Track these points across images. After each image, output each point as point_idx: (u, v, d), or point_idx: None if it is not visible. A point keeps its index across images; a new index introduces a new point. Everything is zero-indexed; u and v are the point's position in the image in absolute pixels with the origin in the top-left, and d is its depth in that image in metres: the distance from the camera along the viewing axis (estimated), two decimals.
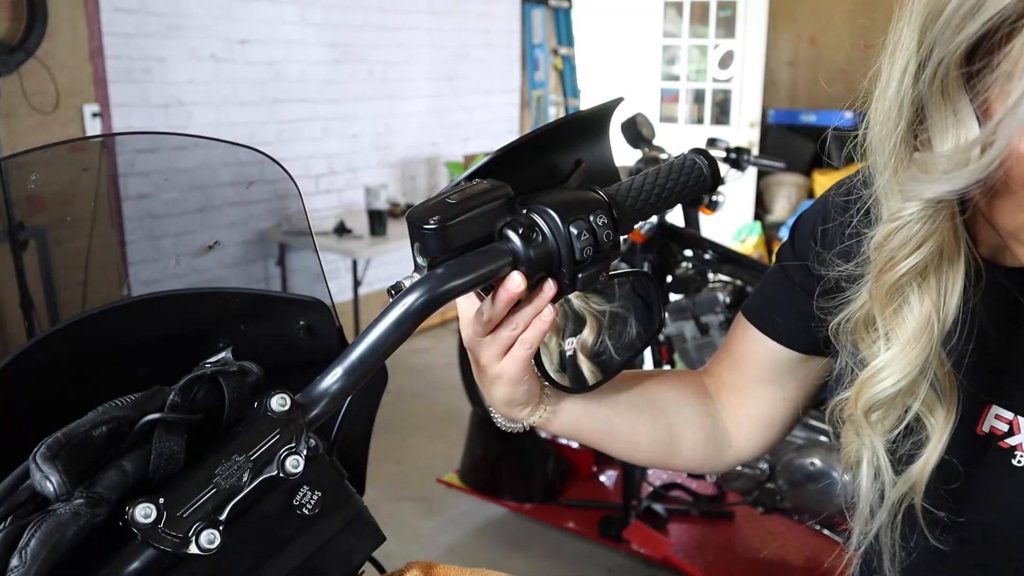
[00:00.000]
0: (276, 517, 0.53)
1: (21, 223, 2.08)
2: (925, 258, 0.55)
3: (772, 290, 0.75)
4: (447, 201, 0.53)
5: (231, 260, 3.66)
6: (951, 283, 0.56)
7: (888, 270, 0.56)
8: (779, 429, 0.79)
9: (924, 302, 0.56)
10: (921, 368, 0.57)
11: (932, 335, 0.56)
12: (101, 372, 0.56)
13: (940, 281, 0.56)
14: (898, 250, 0.55)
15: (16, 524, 0.42)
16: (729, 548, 2.53)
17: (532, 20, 5.34)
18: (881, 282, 0.57)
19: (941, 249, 0.55)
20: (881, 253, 0.56)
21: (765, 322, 0.74)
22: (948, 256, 0.55)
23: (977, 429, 0.61)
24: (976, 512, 0.61)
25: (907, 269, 0.55)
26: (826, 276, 0.64)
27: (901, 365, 0.57)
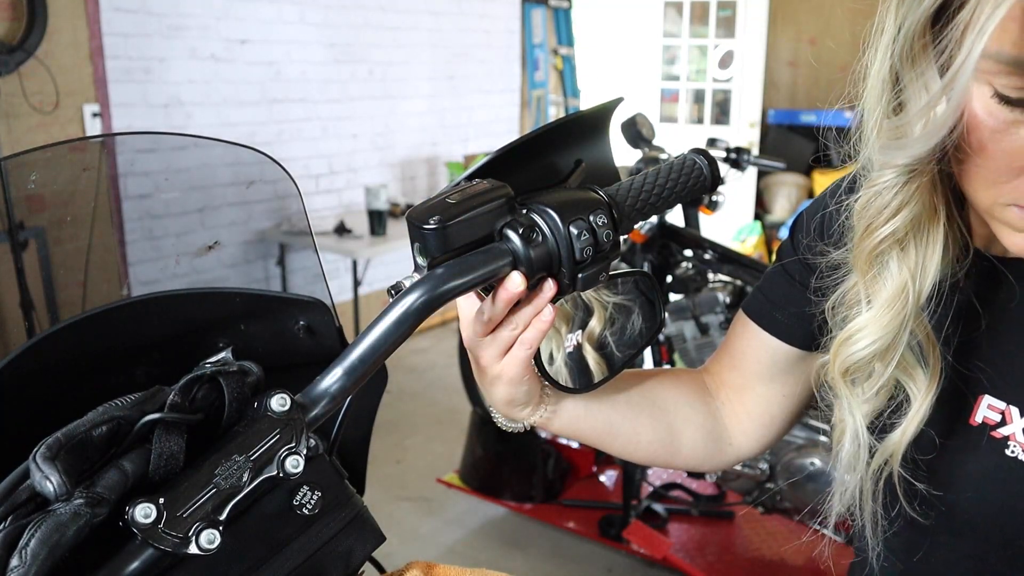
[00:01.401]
0: (276, 517, 0.53)
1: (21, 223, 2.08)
2: (903, 226, 0.57)
3: (772, 287, 0.75)
4: (447, 201, 0.53)
5: (231, 260, 3.66)
6: (929, 252, 0.58)
7: (868, 235, 0.59)
8: (779, 427, 0.79)
9: (902, 270, 0.58)
10: (895, 333, 0.59)
11: (907, 302, 0.58)
12: (101, 372, 0.56)
13: (918, 250, 0.58)
14: (876, 216, 0.58)
15: (16, 524, 0.42)
16: (729, 548, 2.53)
17: (532, 20, 5.34)
18: (862, 247, 0.59)
19: (919, 218, 0.57)
20: (862, 219, 0.59)
21: (765, 319, 0.75)
22: (926, 226, 0.57)
23: (970, 419, 0.61)
24: (969, 501, 0.62)
25: (885, 235, 0.57)
26: (819, 264, 0.66)
27: (876, 328, 0.59)
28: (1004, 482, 0.60)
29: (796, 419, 0.79)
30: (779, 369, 0.76)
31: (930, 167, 0.55)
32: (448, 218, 0.52)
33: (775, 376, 0.76)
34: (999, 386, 0.61)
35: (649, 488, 2.71)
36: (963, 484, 0.62)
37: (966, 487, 0.62)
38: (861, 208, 0.59)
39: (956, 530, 0.64)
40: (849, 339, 0.62)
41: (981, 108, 0.50)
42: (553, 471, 2.77)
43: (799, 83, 5.88)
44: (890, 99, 0.55)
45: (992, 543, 0.62)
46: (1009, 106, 0.48)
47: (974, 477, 0.61)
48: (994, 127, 0.49)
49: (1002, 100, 0.48)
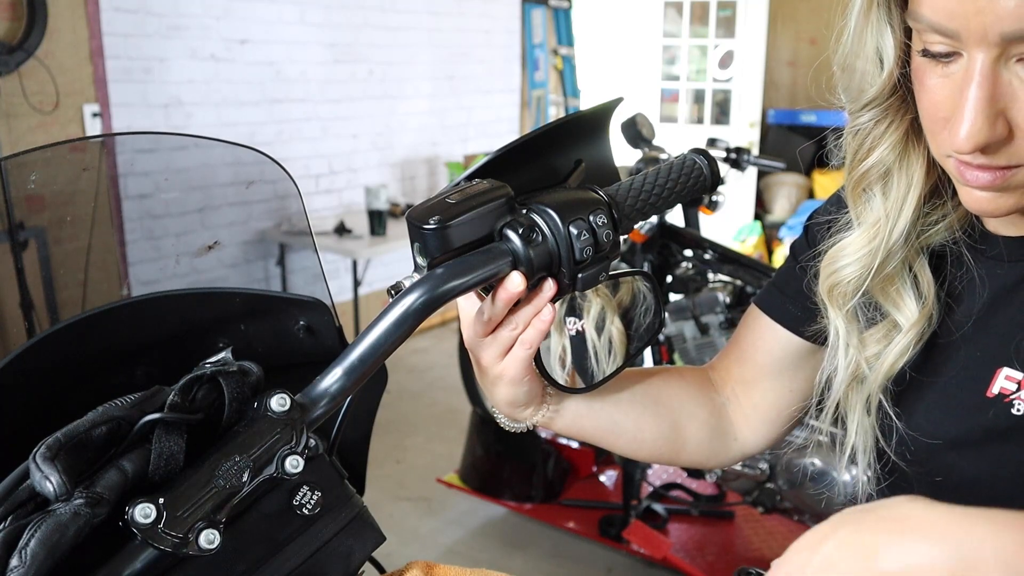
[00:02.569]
0: (276, 517, 0.53)
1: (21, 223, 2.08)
2: (879, 161, 0.63)
3: (785, 281, 0.76)
4: (447, 201, 0.53)
5: (231, 260, 3.66)
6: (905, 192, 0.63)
7: (853, 168, 0.65)
8: (784, 422, 0.79)
9: (882, 202, 0.64)
10: (872, 258, 0.64)
11: (881, 231, 0.64)
12: (101, 372, 0.56)
13: (897, 185, 0.63)
14: (856, 152, 0.64)
15: (16, 524, 0.42)
16: (729, 548, 2.53)
17: (532, 20, 5.34)
18: (851, 176, 0.65)
19: (895, 157, 0.62)
20: (848, 153, 0.65)
21: (777, 311, 0.76)
22: (903, 165, 0.63)
23: (987, 392, 0.62)
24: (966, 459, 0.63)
25: (868, 167, 0.63)
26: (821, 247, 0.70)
27: (855, 249, 0.65)
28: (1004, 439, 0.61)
29: (802, 416, 0.80)
30: (788, 363, 0.76)
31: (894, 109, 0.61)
32: (448, 218, 0.52)
33: (783, 370, 0.77)
34: (1018, 359, 0.62)
35: (649, 488, 2.71)
36: (966, 445, 0.63)
37: (968, 446, 0.63)
38: (846, 144, 0.65)
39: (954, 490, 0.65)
40: (834, 258, 0.67)
41: (917, 64, 0.56)
42: (553, 471, 2.77)
43: (799, 83, 5.88)
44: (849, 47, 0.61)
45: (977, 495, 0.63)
46: (932, 60, 0.54)
47: (978, 437, 0.63)
48: (923, 79, 0.55)
49: (925, 55, 0.54)
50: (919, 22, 0.53)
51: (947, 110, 0.54)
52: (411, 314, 0.51)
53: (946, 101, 0.54)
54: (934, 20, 0.51)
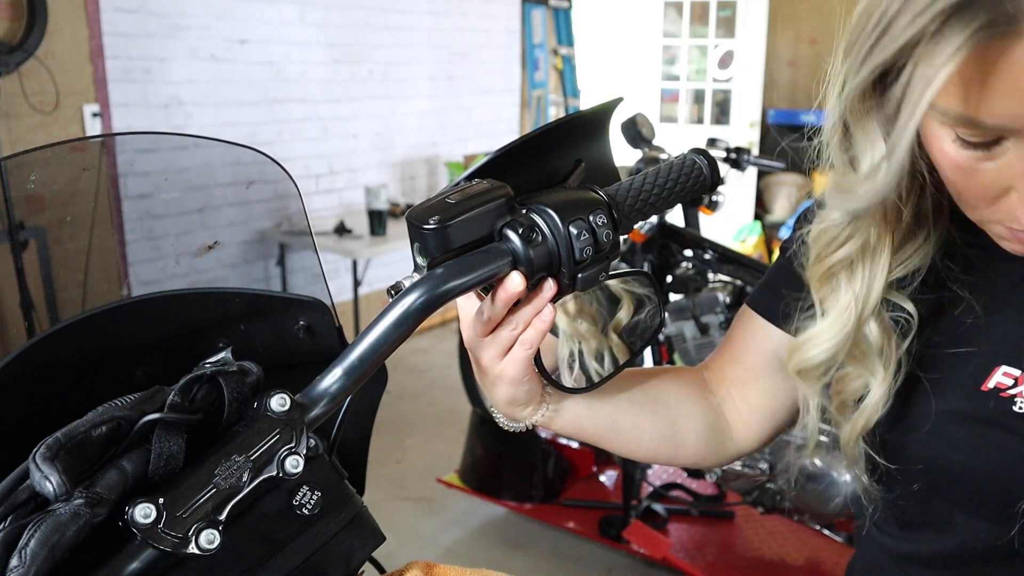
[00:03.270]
0: (276, 517, 0.53)
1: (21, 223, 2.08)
2: (849, 255, 0.64)
3: (776, 280, 0.76)
4: (447, 201, 0.53)
5: (231, 260, 3.66)
6: (875, 276, 0.64)
7: (820, 261, 0.66)
8: (780, 420, 0.80)
9: (849, 289, 0.65)
10: (842, 345, 0.65)
11: (851, 320, 0.65)
12: (101, 372, 0.56)
13: (864, 274, 0.64)
14: (825, 248, 0.65)
15: (16, 524, 0.42)
16: (729, 548, 2.53)
17: (532, 20, 5.34)
18: (815, 268, 0.67)
19: (865, 246, 0.63)
20: (815, 246, 0.66)
21: (770, 310, 0.76)
22: (871, 254, 0.63)
23: (983, 386, 0.64)
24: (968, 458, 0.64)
25: (834, 262, 0.64)
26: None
27: (825, 339, 0.66)
28: (1006, 436, 0.62)
29: (797, 414, 0.80)
30: (782, 362, 0.76)
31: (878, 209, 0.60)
32: (448, 218, 0.52)
33: (778, 369, 0.77)
34: (1017, 357, 0.63)
35: (649, 488, 2.71)
36: (964, 445, 0.64)
37: (966, 447, 0.64)
38: (815, 236, 0.66)
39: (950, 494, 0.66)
40: (803, 345, 0.68)
41: (949, 149, 0.53)
42: (553, 471, 2.77)
43: (799, 83, 5.88)
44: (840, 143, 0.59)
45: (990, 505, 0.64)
46: (971, 148, 0.52)
47: (977, 435, 0.63)
48: (962, 165, 0.53)
49: (964, 144, 0.52)
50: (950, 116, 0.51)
51: (997, 189, 0.53)
52: (411, 314, 0.51)
53: (995, 183, 0.53)
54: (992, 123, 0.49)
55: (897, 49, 0.50)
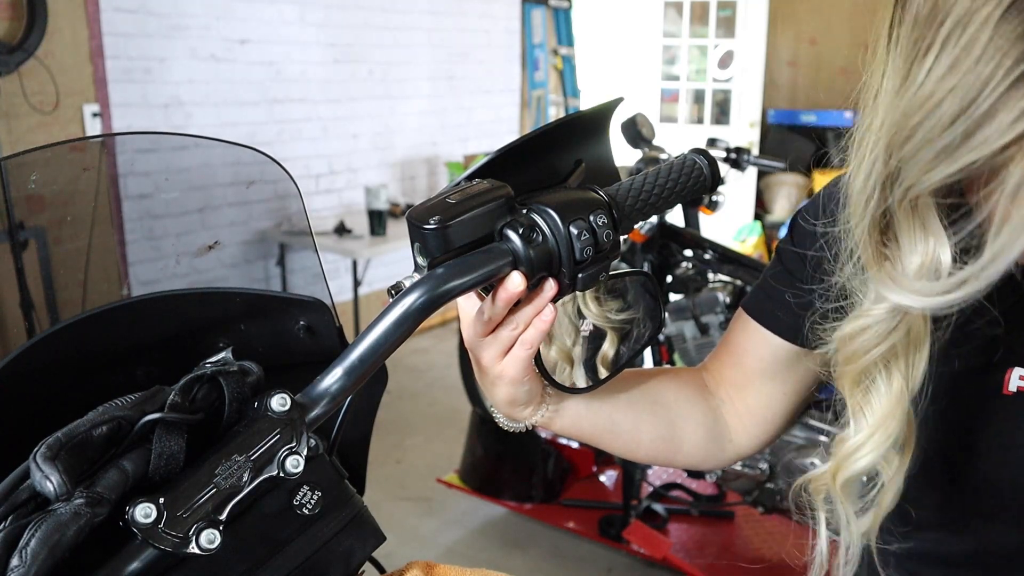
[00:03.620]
0: (276, 517, 0.53)
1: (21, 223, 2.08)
2: (892, 347, 0.56)
3: (772, 285, 0.75)
4: (447, 201, 0.53)
5: (231, 260, 3.66)
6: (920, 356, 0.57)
7: (853, 360, 0.58)
8: (780, 423, 0.79)
9: (894, 380, 0.57)
10: (896, 438, 0.59)
11: (904, 406, 0.58)
12: (101, 372, 0.56)
13: (908, 357, 0.57)
14: (866, 343, 0.57)
15: (16, 524, 0.42)
16: (729, 548, 2.53)
17: (532, 20, 5.34)
18: (848, 369, 0.59)
19: (911, 335, 0.56)
20: (849, 344, 0.58)
21: (766, 316, 0.75)
22: (915, 337, 0.56)
23: (1004, 390, 0.61)
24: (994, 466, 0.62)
25: (874, 358, 0.57)
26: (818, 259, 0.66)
27: (877, 442, 0.59)
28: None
29: (797, 415, 0.80)
30: (780, 367, 0.76)
31: None
32: (448, 218, 0.52)
33: (776, 373, 0.76)
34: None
35: (649, 488, 2.71)
36: (999, 453, 0.62)
37: (1002, 454, 0.62)
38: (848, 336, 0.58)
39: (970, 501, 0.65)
40: (850, 457, 0.61)
41: None
42: (553, 471, 2.77)
43: (799, 83, 5.88)
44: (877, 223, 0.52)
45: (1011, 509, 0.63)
46: None
47: (1008, 442, 0.62)
48: None
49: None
50: None
51: None
52: (411, 314, 0.51)
53: None
54: None
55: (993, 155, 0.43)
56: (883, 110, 0.49)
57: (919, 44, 0.46)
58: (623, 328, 0.72)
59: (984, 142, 0.43)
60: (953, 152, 0.44)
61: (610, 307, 0.73)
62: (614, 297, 0.73)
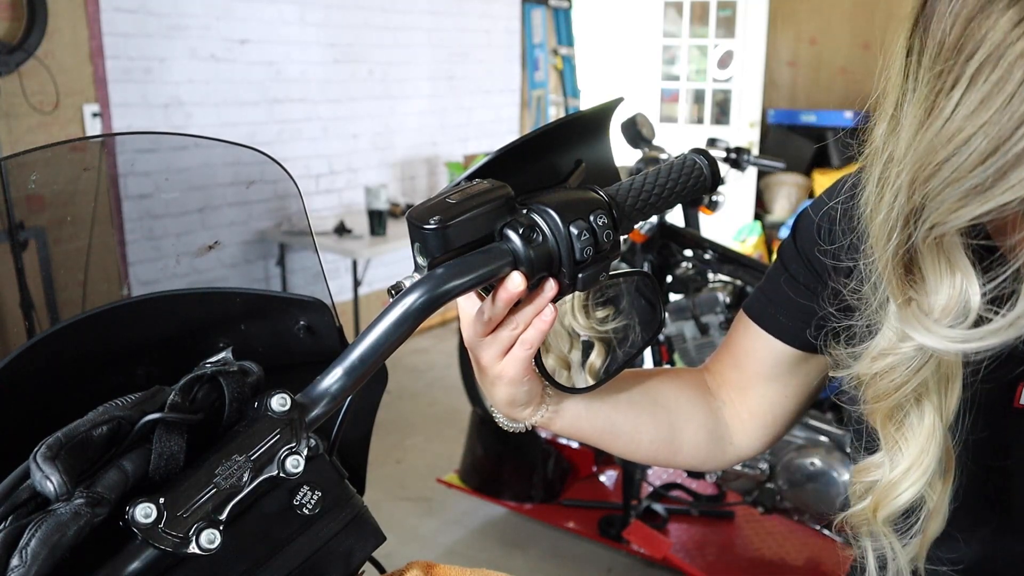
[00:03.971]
0: (276, 517, 0.53)
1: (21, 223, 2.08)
2: (924, 381, 0.54)
3: (774, 288, 0.75)
4: (447, 201, 0.53)
5: (231, 260, 3.66)
6: (953, 387, 0.55)
7: (884, 398, 0.56)
8: (781, 426, 0.79)
9: (926, 415, 0.56)
10: (933, 471, 0.57)
11: (939, 438, 0.56)
12: (101, 372, 0.56)
13: (940, 391, 0.55)
14: (895, 380, 0.55)
15: (16, 524, 0.42)
16: (729, 548, 2.53)
17: (532, 20, 5.34)
18: (880, 406, 0.57)
19: (939, 367, 0.54)
20: (879, 383, 0.56)
21: (767, 320, 0.75)
22: (947, 372, 0.55)
23: (1015, 403, 0.61)
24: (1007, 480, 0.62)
25: (906, 395, 0.55)
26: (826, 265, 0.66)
27: (917, 476, 0.58)
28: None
29: (798, 418, 0.80)
30: (782, 370, 0.76)
31: None
32: (448, 218, 0.52)
33: (778, 376, 0.76)
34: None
35: (649, 488, 2.71)
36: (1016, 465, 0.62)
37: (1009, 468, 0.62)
38: (878, 374, 0.56)
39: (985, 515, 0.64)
40: (890, 491, 0.59)
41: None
42: (553, 471, 2.77)
43: (799, 83, 5.88)
44: (900, 256, 0.50)
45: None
46: None
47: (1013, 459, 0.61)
48: None
49: None
50: None
51: None
52: (411, 314, 0.51)
53: None
54: None
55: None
56: (905, 143, 0.46)
57: (944, 77, 0.44)
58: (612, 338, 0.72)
59: (1020, 183, 0.41)
60: (984, 192, 0.42)
61: (597, 318, 0.72)
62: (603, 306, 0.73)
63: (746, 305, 0.78)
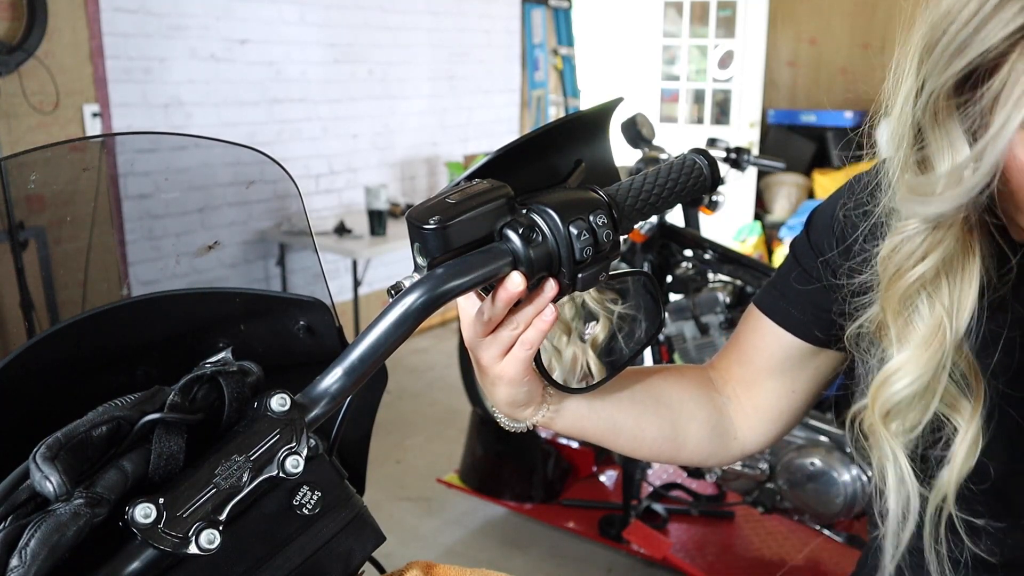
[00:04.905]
0: (276, 517, 0.53)
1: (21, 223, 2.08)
2: (932, 268, 0.57)
3: (786, 282, 0.75)
4: (447, 201, 0.53)
5: (231, 260, 3.66)
6: (965, 288, 0.58)
7: (896, 281, 0.59)
8: (786, 422, 0.79)
9: (935, 308, 0.58)
10: (935, 370, 0.59)
11: (945, 338, 0.58)
12: (101, 372, 0.56)
13: (952, 288, 0.58)
14: (904, 262, 0.58)
15: (16, 524, 0.42)
16: (729, 548, 2.53)
17: (532, 20, 5.34)
18: (891, 292, 0.59)
19: (950, 259, 0.57)
20: (888, 265, 0.59)
21: (779, 313, 0.75)
22: (959, 264, 0.57)
23: None
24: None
25: (914, 279, 0.58)
26: (843, 282, 0.66)
27: (915, 367, 0.59)
28: None
29: (803, 414, 0.80)
30: (790, 364, 0.76)
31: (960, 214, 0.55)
32: (448, 218, 0.52)
33: (785, 371, 0.76)
34: None
35: (649, 488, 2.71)
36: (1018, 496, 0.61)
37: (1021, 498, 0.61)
38: (888, 254, 0.59)
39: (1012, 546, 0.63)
40: (887, 380, 0.61)
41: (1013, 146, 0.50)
42: (553, 471, 2.77)
43: (799, 83, 5.88)
44: (911, 149, 0.56)
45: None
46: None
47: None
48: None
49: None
50: None
51: None
52: (411, 314, 0.51)
53: None
54: None
55: (992, 50, 0.49)
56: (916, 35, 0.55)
57: None
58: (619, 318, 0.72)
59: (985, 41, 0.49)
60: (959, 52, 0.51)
61: (608, 296, 0.72)
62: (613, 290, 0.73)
63: (757, 299, 0.78)
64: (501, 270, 0.54)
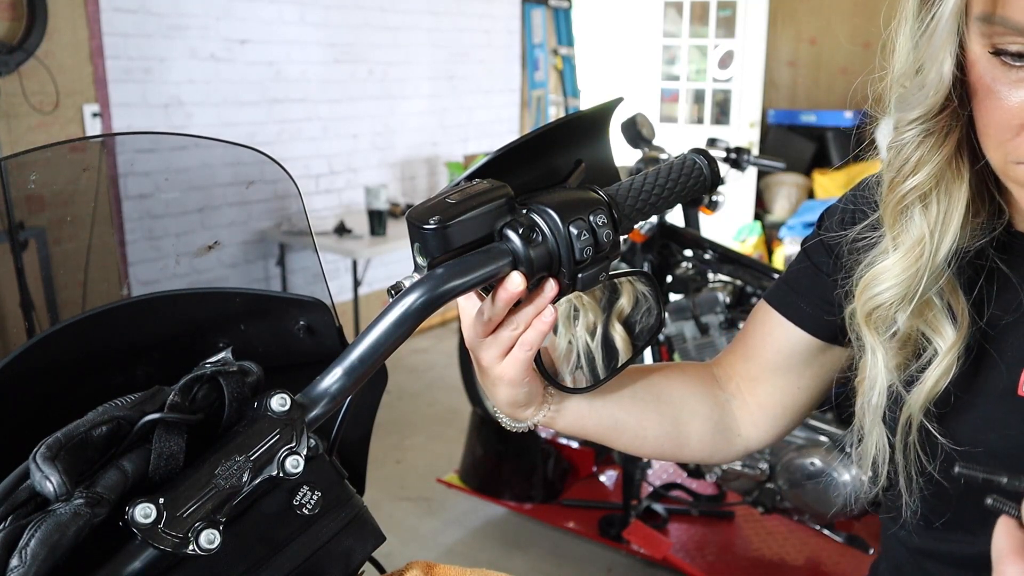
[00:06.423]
0: (276, 517, 0.53)
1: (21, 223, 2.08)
2: (925, 180, 0.61)
3: (797, 277, 0.76)
4: (447, 201, 0.53)
5: (231, 260, 3.66)
6: (951, 208, 0.61)
7: (893, 189, 0.63)
8: (790, 419, 0.79)
9: (924, 221, 0.62)
10: (913, 279, 0.62)
11: (925, 251, 0.61)
12: (101, 372, 0.56)
13: (940, 204, 0.61)
14: (900, 169, 0.62)
15: (16, 524, 0.42)
16: (729, 548, 2.53)
17: (532, 20, 5.34)
18: (888, 200, 0.63)
19: (940, 174, 0.60)
20: (888, 173, 0.63)
21: (790, 308, 0.75)
22: (948, 183, 0.61)
23: (1018, 391, 0.62)
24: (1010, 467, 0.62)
25: (909, 188, 0.61)
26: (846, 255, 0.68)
27: (895, 273, 0.63)
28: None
29: (807, 413, 0.80)
30: (797, 360, 0.76)
31: (943, 125, 0.59)
32: (448, 218, 0.52)
33: (792, 367, 0.77)
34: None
35: (649, 488, 2.71)
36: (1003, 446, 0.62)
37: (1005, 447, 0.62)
38: (887, 164, 0.63)
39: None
40: (873, 280, 0.65)
41: (983, 68, 0.53)
42: (553, 471, 2.77)
43: (799, 83, 5.88)
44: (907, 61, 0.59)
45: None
46: (1004, 65, 0.52)
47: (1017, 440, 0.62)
48: (992, 86, 0.53)
49: (999, 55, 0.52)
50: (1002, 25, 0.51)
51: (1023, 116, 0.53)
52: (411, 314, 0.51)
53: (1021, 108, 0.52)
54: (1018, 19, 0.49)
55: None
56: None
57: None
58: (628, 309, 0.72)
59: None
60: None
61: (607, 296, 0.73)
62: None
63: (767, 295, 0.78)
64: (501, 270, 0.54)
